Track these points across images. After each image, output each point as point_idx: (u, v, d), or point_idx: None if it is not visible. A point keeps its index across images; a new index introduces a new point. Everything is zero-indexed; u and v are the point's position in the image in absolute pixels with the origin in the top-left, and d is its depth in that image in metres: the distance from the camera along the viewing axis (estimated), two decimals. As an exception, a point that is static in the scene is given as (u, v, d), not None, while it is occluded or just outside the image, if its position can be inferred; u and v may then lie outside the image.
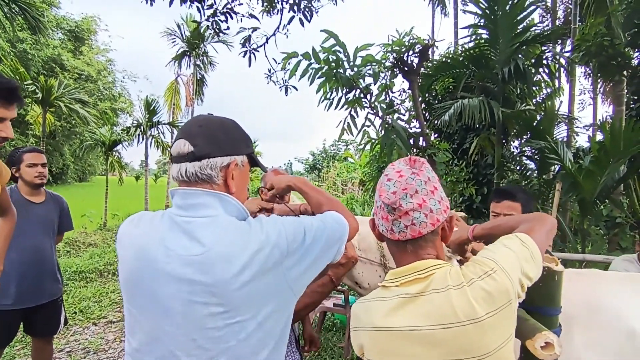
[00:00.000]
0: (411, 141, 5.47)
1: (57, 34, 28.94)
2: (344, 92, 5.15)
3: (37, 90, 9.79)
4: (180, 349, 0.93)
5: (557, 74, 6.27)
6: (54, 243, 2.81)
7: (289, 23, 5.23)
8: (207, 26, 5.39)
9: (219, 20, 5.26)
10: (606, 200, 5.04)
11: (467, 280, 0.85)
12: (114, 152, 13.14)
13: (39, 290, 2.63)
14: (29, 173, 2.58)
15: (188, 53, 21.97)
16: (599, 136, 6.76)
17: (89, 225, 10.12)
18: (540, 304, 1.08)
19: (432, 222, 0.90)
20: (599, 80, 8.03)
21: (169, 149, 14.94)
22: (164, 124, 13.80)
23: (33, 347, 2.82)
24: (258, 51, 5.39)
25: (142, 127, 12.86)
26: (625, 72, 5.11)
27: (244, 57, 5.27)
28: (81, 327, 4.31)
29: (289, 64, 4.90)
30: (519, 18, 5.04)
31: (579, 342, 1.26)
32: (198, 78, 22.46)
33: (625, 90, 5.46)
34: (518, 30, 5.17)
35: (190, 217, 0.98)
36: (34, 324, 2.68)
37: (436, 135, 7.90)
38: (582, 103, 14.71)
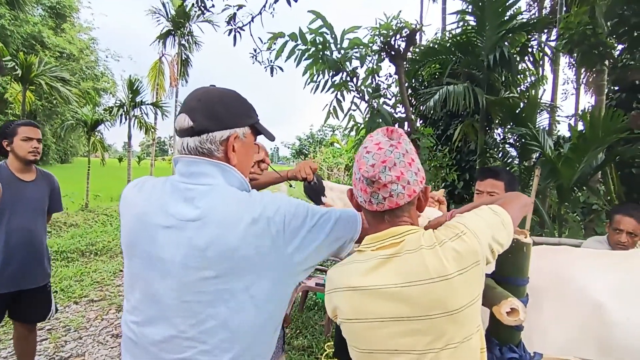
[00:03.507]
0: (396, 126, 5.50)
1: (37, 10, 27.91)
2: (331, 75, 5.14)
3: (16, 67, 9.48)
4: (172, 309, 0.96)
5: (541, 63, 6.35)
6: (45, 225, 2.64)
7: (275, 2, 5.15)
8: (193, 3, 5.27)
9: (205, -3, 5.14)
10: (584, 188, 5.18)
11: (438, 242, 0.89)
12: (96, 133, 12.88)
13: (27, 275, 2.47)
14: (23, 147, 2.41)
15: (173, 32, 21.49)
16: (581, 126, 6.90)
17: (70, 206, 9.95)
18: (508, 274, 1.12)
19: (409, 194, 0.92)
20: (582, 71, 8.16)
21: (152, 129, 14.72)
22: (148, 104, 13.54)
23: (15, 335, 2.66)
24: (243, 30, 5.30)
25: (125, 107, 12.60)
26: (606, 62, 5.20)
27: (229, 35, 5.19)
28: (62, 306, 4.28)
29: (274, 44, 4.85)
30: (506, 5, 5.07)
31: (547, 314, 1.29)
32: (183, 58, 22.03)
33: (606, 80, 5.56)
34: (504, 18, 5.21)
35: (192, 184, 1.01)
36: (20, 309, 2.53)
37: (421, 121, 7.95)
38: (565, 93, 15.00)
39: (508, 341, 1.10)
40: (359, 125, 5.86)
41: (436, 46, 6.47)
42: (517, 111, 5.55)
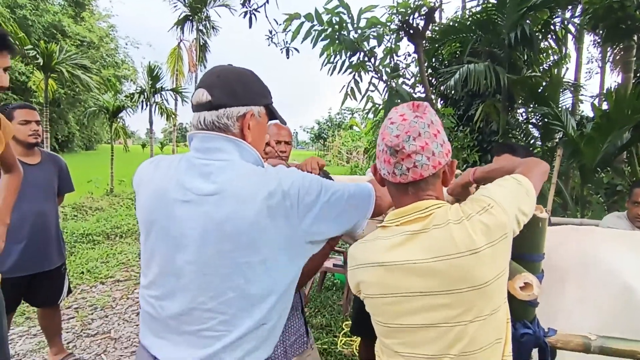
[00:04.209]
0: (415, 107, 5.42)
1: (57, -1, 28.34)
2: (348, 55, 5.08)
3: (37, 56, 9.69)
4: (192, 282, 0.99)
5: (564, 41, 6.13)
6: (57, 207, 2.68)
7: (291, -17, 5.09)
8: (208, -13, 5.26)
9: (220, -20, 5.12)
10: (607, 168, 5.03)
11: (466, 216, 0.88)
12: (118, 120, 13.13)
13: (44, 257, 2.53)
14: (22, 131, 2.40)
15: (190, 18, 21.51)
16: (605, 106, 6.66)
17: (95, 191, 10.25)
18: (524, 251, 1.10)
19: (434, 165, 0.91)
20: (608, 49, 7.82)
21: (173, 115, 14.92)
22: (167, 90, 13.70)
23: (40, 313, 2.77)
24: (259, 11, 5.27)
25: (145, 94, 12.79)
26: (635, 37, 4.97)
27: (244, 17, 5.18)
28: (88, 286, 4.46)
29: (290, 25, 4.81)
30: (528, -20, 4.89)
31: (572, 297, 1.28)
32: (201, 44, 22.07)
33: (634, 57, 5.32)
34: (526, -6, 5.03)
35: (208, 159, 1.03)
36: (36, 292, 2.58)
37: (442, 101, 7.81)
38: (589, 72, 14.44)
39: (522, 317, 1.10)
40: (377, 106, 5.80)
41: (456, 24, 6.28)
42: (539, 90, 5.40)
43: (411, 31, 5.18)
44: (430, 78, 6.89)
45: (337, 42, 4.83)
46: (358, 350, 2.89)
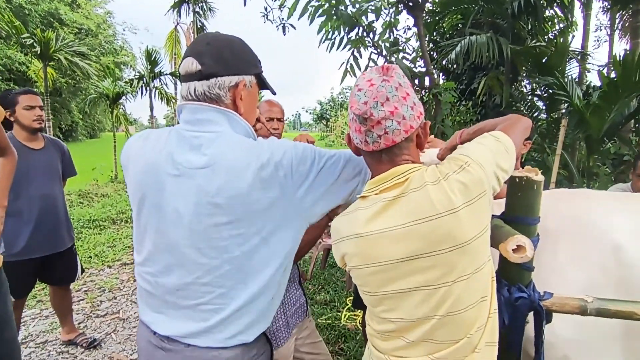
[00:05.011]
0: (416, 81, 5.34)
1: (53, -14, 27.92)
2: (346, 31, 4.97)
3: (35, 44, 9.63)
4: (187, 257, 0.98)
5: (570, 8, 5.94)
6: (62, 190, 2.74)
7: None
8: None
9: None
10: (614, 138, 4.94)
11: (443, 176, 0.87)
12: (119, 106, 13.09)
13: (55, 239, 2.60)
14: (26, 116, 2.42)
15: (186, 0, 21.18)
16: (614, 75, 6.51)
17: (100, 178, 10.32)
18: (518, 214, 1.08)
19: (406, 129, 0.89)
20: (617, 14, 7.61)
21: (173, 100, 14.87)
22: (166, 74, 13.60)
23: (52, 294, 2.84)
24: (253, -12, 5.16)
25: (144, 79, 12.70)
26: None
27: (238, -6, 5.07)
28: (97, 270, 4.53)
29: (286, 1, 4.71)
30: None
31: (564, 257, 1.26)
32: (198, 26, 21.75)
33: (643, 21, 5.16)
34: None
35: (198, 131, 1.00)
36: (52, 272, 2.66)
37: (444, 75, 7.69)
38: (598, 40, 14.10)
39: (517, 281, 1.08)
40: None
41: (457, -5, 6.13)
42: (544, 61, 5.26)
43: (410, 4, 5.05)
44: (431, 52, 6.76)
45: (334, 17, 4.73)
46: (361, 323, 2.91)
